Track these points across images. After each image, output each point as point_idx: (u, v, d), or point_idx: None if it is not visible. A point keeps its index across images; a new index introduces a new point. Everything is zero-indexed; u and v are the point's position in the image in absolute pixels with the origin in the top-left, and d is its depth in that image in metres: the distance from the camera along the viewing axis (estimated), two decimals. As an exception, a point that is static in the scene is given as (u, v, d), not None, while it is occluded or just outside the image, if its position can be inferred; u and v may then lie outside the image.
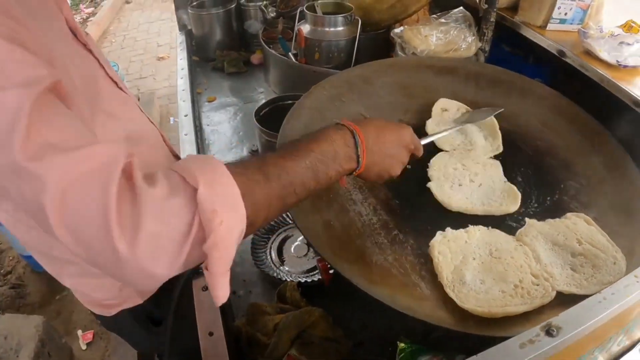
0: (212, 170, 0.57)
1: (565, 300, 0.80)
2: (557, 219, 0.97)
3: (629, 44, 1.25)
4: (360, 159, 0.77)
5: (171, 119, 3.99)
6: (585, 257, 0.88)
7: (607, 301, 0.68)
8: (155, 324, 1.13)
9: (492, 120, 1.19)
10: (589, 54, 1.32)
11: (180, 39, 2.33)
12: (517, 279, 0.83)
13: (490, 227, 0.94)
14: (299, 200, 0.70)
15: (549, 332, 0.62)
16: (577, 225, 0.94)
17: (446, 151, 1.13)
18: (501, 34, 1.59)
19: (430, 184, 1.02)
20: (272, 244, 1.30)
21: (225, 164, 0.59)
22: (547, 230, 0.93)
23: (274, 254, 1.27)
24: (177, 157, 1.17)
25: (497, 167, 1.10)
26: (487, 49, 1.54)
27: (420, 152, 0.91)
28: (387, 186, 1.01)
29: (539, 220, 0.96)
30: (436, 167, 1.08)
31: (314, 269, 1.21)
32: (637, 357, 0.89)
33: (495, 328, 0.76)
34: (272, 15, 2.11)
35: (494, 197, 1.01)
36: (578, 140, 1.18)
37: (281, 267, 1.23)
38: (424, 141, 0.95)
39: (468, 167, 1.08)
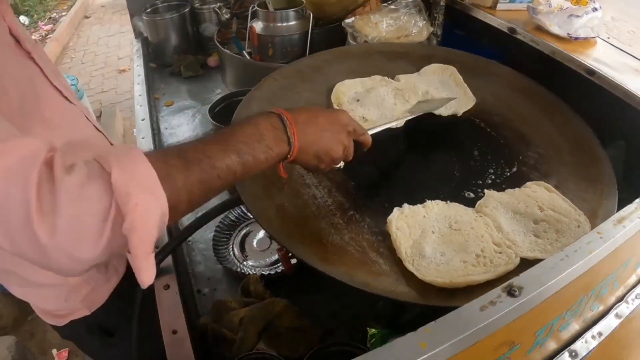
0: (128, 156, 0.57)
1: (530, 266, 0.76)
2: (517, 189, 0.96)
3: (578, 16, 1.27)
4: (291, 141, 0.74)
5: (134, 130, 3.92)
6: (547, 222, 0.88)
7: (569, 259, 0.66)
8: (109, 334, 1.13)
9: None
10: (540, 29, 1.33)
11: (136, 46, 2.29)
12: (478, 248, 0.82)
13: (448, 202, 0.93)
14: (227, 184, 0.68)
15: (510, 292, 0.60)
16: (538, 193, 0.94)
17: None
18: (453, 17, 1.59)
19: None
20: (234, 239, 1.28)
21: (145, 152, 0.60)
22: (507, 200, 0.93)
23: (236, 250, 1.25)
24: None
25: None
26: (439, 33, 1.55)
27: (366, 138, 0.87)
28: (342, 169, 0.99)
29: (498, 191, 0.95)
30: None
31: (277, 261, 1.19)
32: (614, 322, 0.87)
33: (459, 298, 0.74)
34: (226, 16, 2.09)
35: None
36: (534, 112, 1.20)
37: (245, 262, 1.21)
38: (372, 131, 0.91)
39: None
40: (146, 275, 0.59)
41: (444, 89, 1.22)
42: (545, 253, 0.82)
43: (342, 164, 0.85)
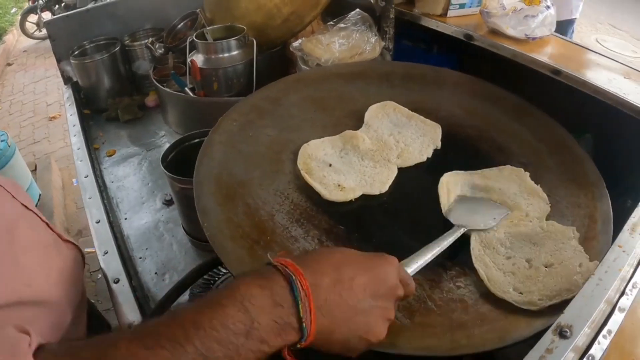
0: None
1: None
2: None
3: (533, 16, 1.25)
4: (304, 326, 0.48)
5: (74, 180, 3.70)
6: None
7: (603, 282, 0.65)
8: None
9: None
10: (495, 32, 1.30)
11: (67, 93, 2.11)
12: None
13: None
14: None
15: (562, 334, 0.57)
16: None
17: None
18: (401, 29, 1.54)
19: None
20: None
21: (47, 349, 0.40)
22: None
23: None
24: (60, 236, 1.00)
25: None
26: (391, 46, 1.49)
27: (413, 292, 0.63)
28: (326, 212, 0.89)
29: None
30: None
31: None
32: (619, 317, 0.84)
33: (489, 341, 0.68)
34: (160, 51, 1.97)
35: None
36: (505, 119, 1.15)
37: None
38: (415, 266, 0.70)
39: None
40: None
41: (403, 129, 1.11)
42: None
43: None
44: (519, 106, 1.17)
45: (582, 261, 0.77)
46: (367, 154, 1.03)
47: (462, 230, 0.82)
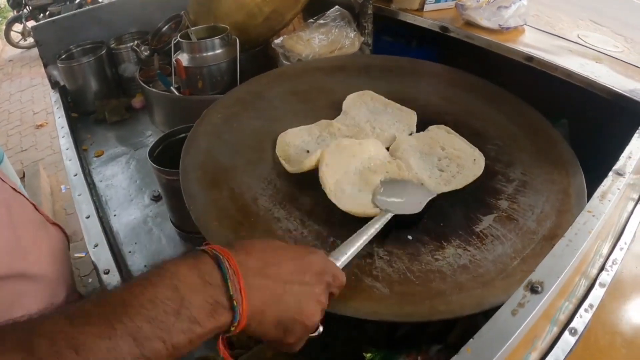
0: None
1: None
2: (422, 132, 1.09)
3: (506, 7, 1.29)
4: (236, 305, 0.47)
5: (62, 187, 3.70)
6: (449, 159, 1.01)
7: (573, 242, 0.67)
8: None
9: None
10: (470, 24, 1.34)
11: (54, 97, 2.12)
12: None
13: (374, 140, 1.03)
14: None
15: (533, 289, 0.59)
16: (439, 135, 1.07)
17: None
18: (380, 25, 1.58)
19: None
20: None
21: None
22: (414, 143, 1.05)
23: None
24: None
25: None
26: (370, 41, 1.53)
27: (342, 283, 0.64)
28: (308, 196, 0.92)
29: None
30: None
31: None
32: (600, 292, 0.87)
33: (468, 306, 0.71)
34: (145, 54, 1.99)
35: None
36: (481, 105, 1.19)
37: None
38: (344, 258, 0.71)
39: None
40: None
41: (380, 115, 1.15)
42: (449, 185, 0.94)
43: (320, 329, 0.61)
44: (495, 93, 1.21)
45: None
46: (343, 139, 1.06)
47: (389, 216, 0.83)
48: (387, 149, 1.04)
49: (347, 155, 0.97)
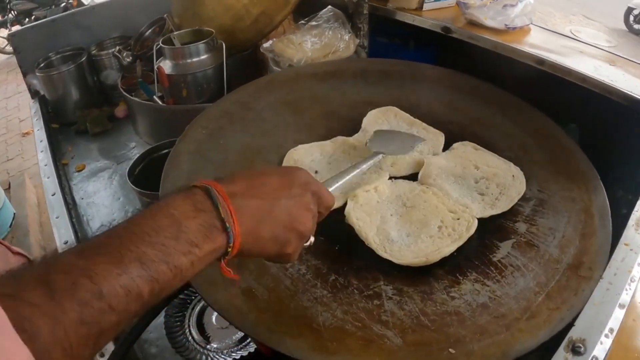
0: None
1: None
2: (447, 151, 1.01)
3: (512, 5, 1.20)
4: (229, 225, 0.51)
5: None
6: (486, 179, 0.93)
7: (613, 286, 0.62)
8: None
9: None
10: (474, 24, 1.25)
11: (34, 107, 2.01)
12: (438, 220, 0.84)
13: (393, 179, 0.94)
14: (129, 316, 0.45)
15: (575, 350, 0.54)
16: (467, 153, 0.99)
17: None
18: (374, 25, 1.48)
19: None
20: (189, 320, 1.06)
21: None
22: (444, 165, 0.96)
23: (194, 333, 1.03)
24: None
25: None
26: (365, 44, 1.43)
27: (329, 201, 0.65)
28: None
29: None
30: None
31: (245, 336, 1.00)
32: (620, 314, 0.81)
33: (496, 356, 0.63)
34: (128, 60, 1.89)
35: None
36: (488, 112, 1.11)
37: (208, 347, 1.01)
38: (335, 185, 0.74)
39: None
40: None
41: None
42: (495, 208, 0.87)
43: (312, 239, 0.63)
44: (501, 98, 1.13)
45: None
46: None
47: (380, 157, 0.89)
48: (414, 175, 0.96)
49: (373, 202, 0.88)
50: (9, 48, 6.99)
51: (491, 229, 0.83)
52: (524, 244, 0.80)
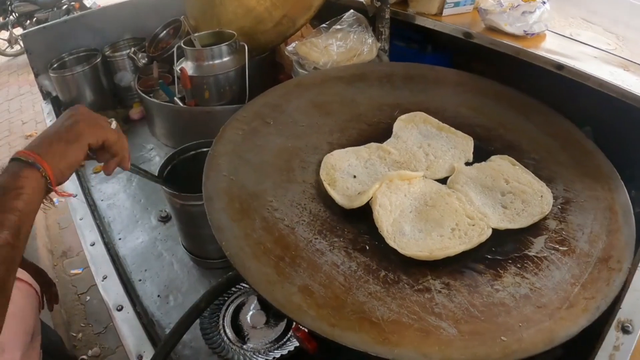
0: None
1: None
2: (484, 162, 1.00)
3: (531, 12, 1.24)
4: (33, 161, 0.68)
5: (55, 200, 3.58)
6: (513, 194, 0.93)
7: None
8: None
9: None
10: (493, 30, 1.29)
11: (46, 109, 2.02)
12: (453, 222, 0.86)
13: (425, 177, 0.97)
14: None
15: (624, 329, 0.59)
16: (502, 167, 0.98)
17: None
18: (393, 29, 1.52)
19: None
20: (223, 320, 1.08)
21: None
22: (475, 175, 0.97)
23: (230, 333, 1.05)
24: None
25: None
26: (387, 47, 1.47)
27: (111, 137, 0.82)
28: (348, 222, 0.87)
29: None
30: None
31: (282, 335, 1.03)
32: None
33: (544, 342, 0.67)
34: (143, 61, 1.92)
35: None
36: (511, 116, 1.14)
37: (244, 347, 1.03)
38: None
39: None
40: None
41: (433, 140, 1.07)
42: (514, 222, 0.87)
43: (114, 124, 0.86)
44: (525, 103, 1.17)
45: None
46: (393, 166, 1.00)
47: None
48: (444, 179, 0.98)
49: (401, 194, 0.91)
50: (10, 50, 6.94)
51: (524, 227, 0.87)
52: (556, 239, 0.84)
